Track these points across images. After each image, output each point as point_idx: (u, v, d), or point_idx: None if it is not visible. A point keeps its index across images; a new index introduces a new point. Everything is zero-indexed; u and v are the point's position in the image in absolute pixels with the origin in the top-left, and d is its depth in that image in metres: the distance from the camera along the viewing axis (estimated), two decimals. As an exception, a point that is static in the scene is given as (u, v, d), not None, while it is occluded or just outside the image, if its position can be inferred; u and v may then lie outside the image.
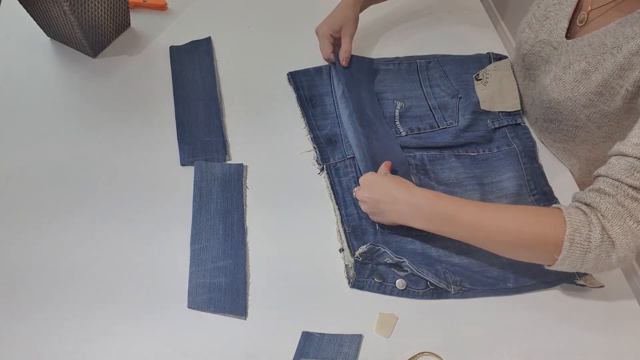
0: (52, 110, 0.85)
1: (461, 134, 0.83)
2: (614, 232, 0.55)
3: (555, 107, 0.76)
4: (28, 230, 0.71)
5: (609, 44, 0.68)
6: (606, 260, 0.56)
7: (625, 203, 0.55)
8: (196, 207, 0.73)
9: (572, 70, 0.72)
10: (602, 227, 0.55)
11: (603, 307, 0.68)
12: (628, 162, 0.56)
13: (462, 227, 0.62)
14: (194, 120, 0.84)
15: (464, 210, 0.62)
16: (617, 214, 0.55)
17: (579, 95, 0.72)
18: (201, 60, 0.92)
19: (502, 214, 0.61)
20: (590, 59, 0.70)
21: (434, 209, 0.64)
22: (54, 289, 0.67)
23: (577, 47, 0.73)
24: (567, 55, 0.74)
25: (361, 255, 0.69)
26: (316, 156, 0.80)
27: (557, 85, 0.75)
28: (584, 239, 0.55)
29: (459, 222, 0.62)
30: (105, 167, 0.78)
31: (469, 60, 0.94)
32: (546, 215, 0.58)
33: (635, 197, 0.55)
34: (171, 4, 1.03)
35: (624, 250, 0.55)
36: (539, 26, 0.80)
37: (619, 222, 0.55)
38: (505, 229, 0.60)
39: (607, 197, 0.56)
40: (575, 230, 0.55)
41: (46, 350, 0.62)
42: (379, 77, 0.91)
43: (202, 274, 0.68)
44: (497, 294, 0.69)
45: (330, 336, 0.64)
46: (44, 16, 0.89)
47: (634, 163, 0.56)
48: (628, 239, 0.54)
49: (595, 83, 0.69)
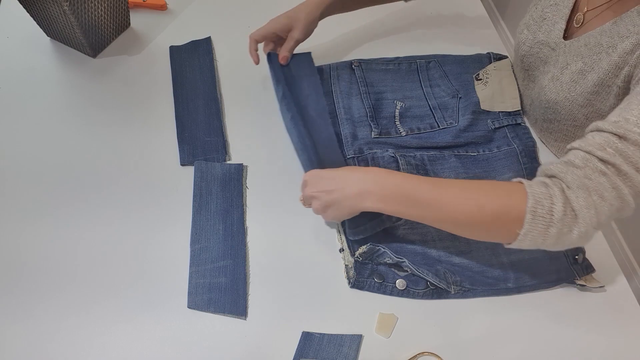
0: (52, 110, 0.85)
1: (461, 134, 0.83)
2: (578, 205, 0.53)
3: (553, 107, 0.77)
4: (28, 229, 0.71)
5: (604, 43, 0.68)
6: (567, 235, 0.54)
7: (593, 177, 0.53)
8: (196, 207, 0.73)
9: (569, 70, 0.73)
10: (565, 199, 0.53)
11: (603, 307, 0.68)
12: (603, 137, 0.54)
13: (419, 206, 0.58)
14: (193, 120, 0.84)
15: (421, 187, 0.58)
16: (583, 185, 0.53)
17: (576, 94, 0.72)
18: (201, 60, 0.92)
19: (462, 190, 0.57)
20: (587, 59, 0.70)
21: (388, 188, 0.59)
22: (53, 288, 0.67)
23: (574, 47, 0.73)
24: (565, 55, 0.74)
25: (361, 255, 0.69)
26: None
27: (555, 85, 0.75)
28: (546, 211, 0.53)
29: (415, 201, 0.58)
30: (105, 167, 0.78)
31: (469, 60, 0.94)
32: (507, 189, 0.56)
33: (604, 172, 0.53)
34: (171, 4, 1.03)
35: (586, 225, 0.53)
36: (537, 27, 0.80)
37: (583, 194, 0.53)
38: (466, 206, 0.56)
39: (575, 169, 0.54)
40: (537, 202, 0.53)
41: (46, 350, 0.62)
42: (379, 77, 0.91)
43: (202, 274, 0.68)
44: (497, 294, 0.69)
45: (330, 336, 0.64)
46: (44, 16, 0.89)
47: (608, 138, 0.54)
48: (591, 213, 0.53)
49: (591, 82, 0.70)
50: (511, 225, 0.55)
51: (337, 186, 0.62)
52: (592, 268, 0.70)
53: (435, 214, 0.59)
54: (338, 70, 0.91)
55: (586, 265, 0.71)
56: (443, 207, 0.58)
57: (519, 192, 0.55)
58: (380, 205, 0.60)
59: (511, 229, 0.55)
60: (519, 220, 0.54)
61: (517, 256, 0.71)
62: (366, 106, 0.86)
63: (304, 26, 0.80)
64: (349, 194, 0.61)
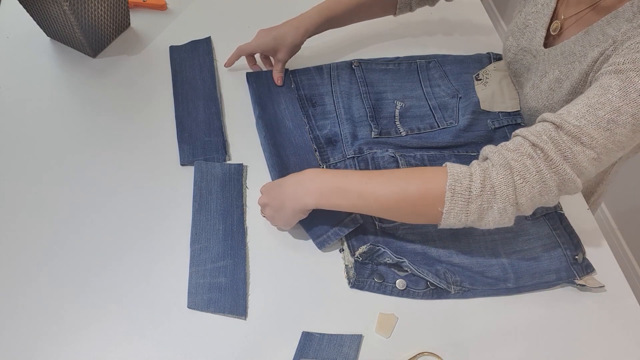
0: (52, 110, 0.85)
1: (461, 134, 0.83)
2: (497, 181, 0.56)
3: (535, 115, 0.78)
4: (27, 229, 0.71)
5: (577, 52, 0.69)
6: (488, 211, 0.57)
7: (520, 159, 0.56)
8: (196, 207, 0.73)
9: (548, 78, 0.74)
10: (484, 176, 0.56)
11: (603, 307, 0.68)
12: (542, 126, 0.58)
13: (352, 196, 0.62)
14: (193, 120, 0.84)
15: (350, 179, 0.62)
16: (506, 165, 0.56)
17: (554, 102, 0.74)
18: (201, 60, 0.92)
19: (389, 177, 0.62)
20: (563, 67, 0.71)
21: (322, 183, 0.63)
22: (53, 288, 0.67)
23: (551, 55, 0.74)
24: (544, 64, 0.75)
25: (361, 255, 0.69)
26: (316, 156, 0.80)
27: (535, 93, 0.77)
28: (465, 188, 0.56)
29: (348, 192, 0.62)
30: (105, 167, 0.78)
31: (469, 60, 0.94)
32: (431, 172, 0.60)
33: (531, 155, 0.56)
34: (171, 4, 1.03)
35: (504, 201, 0.56)
36: (520, 34, 0.81)
37: (504, 172, 0.56)
38: (392, 191, 0.60)
39: (506, 151, 0.58)
40: (456, 180, 0.57)
41: (46, 350, 0.62)
42: (379, 77, 0.91)
43: (202, 274, 0.68)
44: (497, 294, 0.69)
45: (330, 336, 0.64)
46: (44, 16, 0.89)
47: (546, 126, 0.57)
48: (509, 190, 0.56)
49: (565, 90, 0.71)
50: (434, 204, 0.58)
51: (280, 191, 0.66)
52: (592, 268, 0.71)
53: (366, 202, 0.62)
54: (338, 70, 0.91)
55: (586, 265, 0.71)
56: (372, 194, 0.61)
57: (440, 173, 0.58)
58: (319, 201, 0.63)
59: (435, 208, 0.58)
60: (440, 199, 0.57)
61: (517, 256, 0.71)
62: (366, 106, 0.86)
63: (288, 50, 0.85)
64: (289, 196, 0.65)
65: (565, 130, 0.56)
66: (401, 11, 0.88)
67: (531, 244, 0.73)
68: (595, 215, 1.34)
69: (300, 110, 0.85)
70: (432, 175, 0.59)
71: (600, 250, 0.73)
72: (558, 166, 0.56)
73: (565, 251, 0.72)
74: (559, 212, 0.75)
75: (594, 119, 0.56)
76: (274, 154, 0.79)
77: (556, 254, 0.71)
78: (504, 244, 0.73)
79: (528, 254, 0.71)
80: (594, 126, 0.56)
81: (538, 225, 0.74)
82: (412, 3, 0.87)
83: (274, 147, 0.80)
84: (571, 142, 0.56)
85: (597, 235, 0.75)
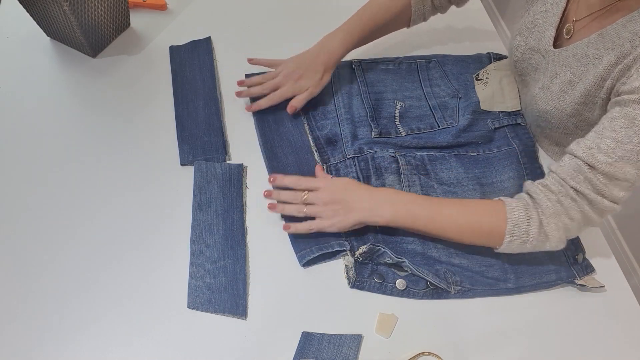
0: (51, 110, 0.85)
1: (461, 134, 0.83)
2: (550, 229, 0.63)
3: (544, 116, 0.78)
4: (27, 229, 0.71)
5: (591, 55, 0.69)
6: (542, 247, 0.65)
7: (564, 202, 0.63)
8: (196, 207, 0.73)
9: (559, 80, 0.73)
10: (539, 223, 0.63)
11: (603, 307, 0.68)
12: (576, 164, 0.63)
13: (420, 224, 0.68)
14: (193, 120, 0.84)
15: (423, 207, 0.68)
16: (555, 212, 0.63)
17: (565, 104, 0.73)
18: (201, 60, 0.92)
19: (457, 211, 0.67)
20: (575, 69, 0.71)
21: (397, 206, 0.68)
22: (53, 288, 0.67)
23: (562, 57, 0.73)
24: (554, 64, 0.75)
25: (361, 255, 0.69)
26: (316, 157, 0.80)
27: (545, 94, 0.76)
28: (523, 232, 0.64)
29: (418, 218, 0.68)
30: (104, 167, 0.78)
31: (469, 60, 0.94)
32: (490, 211, 0.66)
33: (574, 198, 0.63)
34: (171, 3, 1.03)
35: (556, 242, 0.64)
36: (528, 33, 0.80)
37: (554, 220, 0.63)
38: (457, 224, 0.67)
39: (550, 194, 0.64)
40: (515, 226, 0.64)
41: (46, 350, 0.62)
42: (379, 77, 0.91)
43: (202, 274, 0.68)
44: (497, 294, 0.69)
45: (330, 336, 0.64)
46: (44, 16, 0.89)
47: (580, 166, 0.62)
48: (560, 234, 0.63)
49: (579, 93, 0.70)
50: (493, 242, 0.66)
51: (351, 197, 0.70)
52: (592, 268, 0.71)
53: (432, 231, 0.68)
54: (338, 70, 0.91)
55: (586, 265, 0.71)
56: (438, 225, 0.68)
57: (500, 214, 0.65)
58: (389, 222, 0.68)
59: (494, 242, 0.66)
60: (500, 238, 0.65)
61: (517, 257, 0.71)
62: (366, 106, 0.86)
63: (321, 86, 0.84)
64: (361, 206, 0.69)
65: (599, 170, 0.61)
66: (415, 22, 0.87)
67: (531, 244, 0.73)
68: (595, 215, 1.34)
69: (301, 112, 0.85)
70: (492, 215, 0.65)
71: (600, 250, 0.73)
72: (599, 204, 0.62)
73: (565, 251, 0.72)
74: (559, 212, 0.75)
75: (623, 154, 0.60)
76: (271, 155, 0.79)
77: (556, 254, 0.71)
78: (504, 244, 0.73)
79: (528, 254, 0.71)
80: (625, 161, 0.60)
81: (538, 225, 0.74)
82: (426, 13, 0.86)
83: (272, 148, 0.80)
84: (607, 180, 0.61)
85: (597, 235, 0.75)
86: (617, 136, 0.60)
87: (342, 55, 0.83)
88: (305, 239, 0.70)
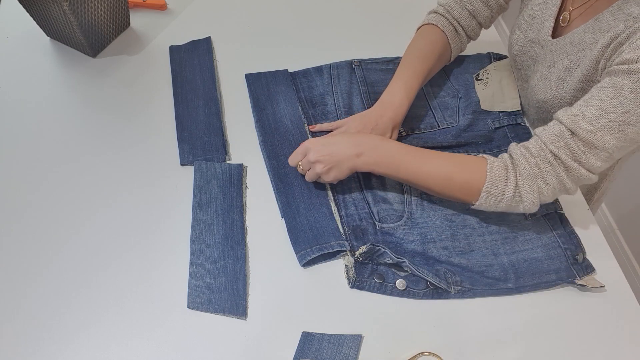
0: (51, 110, 0.85)
1: (461, 134, 0.83)
2: (524, 191, 0.65)
3: (544, 107, 0.78)
4: (27, 229, 0.71)
5: (587, 40, 0.69)
6: (515, 209, 0.67)
7: (542, 165, 0.64)
8: (196, 207, 0.73)
9: (557, 68, 0.74)
10: (515, 185, 0.65)
11: (603, 307, 0.68)
12: (559, 129, 0.64)
13: (403, 173, 0.70)
14: (193, 120, 0.84)
15: (405, 159, 0.69)
16: (531, 174, 0.64)
17: (563, 92, 0.74)
18: (201, 60, 0.92)
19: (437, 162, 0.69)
20: (572, 56, 0.71)
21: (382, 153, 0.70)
22: (53, 288, 0.67)
23: (560, 45, 0.74)
24: (552, 54, 0.75)
25: (361, 255, 0.69)
26: None
27: (544, 84, 0.76)
28: (499, 191, 0.65)
29: (400, 169, 0.69)
30: (104, 167, 0.78)
31: (469, 60, 0.94)
32: (472, 167, 0.67)
33: (551, 163, 0.64)
34: (171, 3, 1.03)
35: (529, 205, 0.66)
36: (527, 26, 0.81)
37: (529, 182, 0.64)
38: (439, 176, 0.68)
39: (530, 156, 0.65)
40: (493, 184, 0.65)
41: (46, 350, 0.62)
42: (379, 77, 0.91)
43: (201, 274, 0.68)
44: (497, 294, 0.69)
45: (330, 336, 0.64)
46: (44, 16, 0.89)
47: (562, 132, 0.63)
48: (534, 197, 0.65)
49: (577, 79, 0.71)
50: (470, 196, 0.68)
51: (338, 149, 0.70)
52: (592, 268, 0.70)
53: (414, 182, 0.70)
54: (338, 70, 0.91)
55: (586, 265, 0.71)
56: (421, 178, 0.69)
57: (481, 171, 0.66)
58: (372, 168, 0.70)
59: (470, 197, 0.68)
60: (477, 194, 0.67)
61: (517, 256, 0.71)
62: (366, 106, 0.86)
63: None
64: (349, 155, 0.70)
65: (580, 137, 0.62)
66: (455, 56, 0.88)
67: (531, 244, 0.73)
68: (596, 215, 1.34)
69: (301, 111, 0.85)
70: (473, 170, 0.67)
71: (600, 250, 0.73)
72: (575, 171, 0.63)
73: (566, 251, 0.72)
74: (559, 212, 0.75)
75: (606, 123, 0.60)
76: (271, 154, 0.79)
77: (556, 254, 0.71)
78: (504, 244, 0.73)
79: (528, 254, 0.71)
80: (606, 130, 0.60)
81: (538, 225, 0.74)
82: (462, 46, 0.87)
83: (272, 148, 0.80)
84: (586, 148, 0.62)
85: (597, 235, 0.75)
86: (602, 105, 0.61)
87: (407, 109, 0.79)
88: (305, 239, 0.70)
